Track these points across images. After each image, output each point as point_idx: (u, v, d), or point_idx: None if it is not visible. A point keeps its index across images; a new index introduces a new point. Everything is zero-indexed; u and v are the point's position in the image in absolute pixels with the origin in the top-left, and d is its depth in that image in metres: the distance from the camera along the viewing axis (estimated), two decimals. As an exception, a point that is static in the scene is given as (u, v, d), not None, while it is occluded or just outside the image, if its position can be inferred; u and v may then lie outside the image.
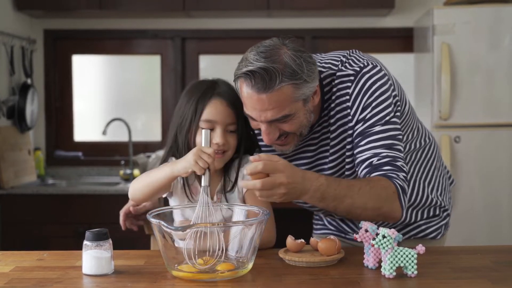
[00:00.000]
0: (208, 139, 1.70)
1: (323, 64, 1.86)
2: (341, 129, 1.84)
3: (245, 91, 1.68)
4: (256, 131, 1.90)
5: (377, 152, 1.76)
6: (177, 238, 1.55)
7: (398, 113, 1.84)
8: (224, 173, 1.88)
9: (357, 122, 1.79)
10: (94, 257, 1.55)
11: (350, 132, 1.82)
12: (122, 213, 1.99)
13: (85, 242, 1.56)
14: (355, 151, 1.81)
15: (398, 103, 1.85)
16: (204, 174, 1.65)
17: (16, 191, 3.87)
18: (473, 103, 3.66)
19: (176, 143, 1.85)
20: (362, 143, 1.78)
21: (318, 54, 1.93)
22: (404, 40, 4.42)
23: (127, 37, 4.57)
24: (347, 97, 1.80)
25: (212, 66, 4.68)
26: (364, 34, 4.46)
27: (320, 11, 4.22)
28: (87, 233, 1.56)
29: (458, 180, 3.65)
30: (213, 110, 1.79)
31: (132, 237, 3.07)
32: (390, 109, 1.79)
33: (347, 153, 1.85)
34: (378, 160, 1.75)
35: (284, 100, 1.67)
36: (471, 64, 3.66)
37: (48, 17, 4.47)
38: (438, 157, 2.11)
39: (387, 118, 1.78)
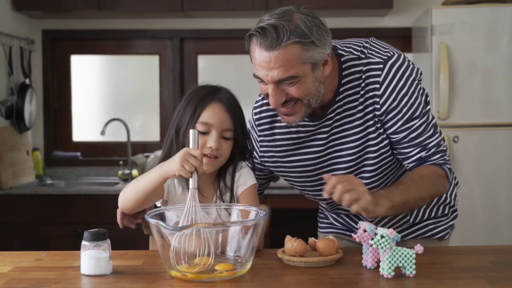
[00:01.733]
0: (195, 140, 1.67)
1: (344, 48, 1.90)
2: (368, 116, 1.84)
3: (255, 49, 1.71)
4: (259, 114, 1.96)
5: (424, 144, 1.83)
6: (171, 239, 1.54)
7: (427, 96, 1.90)
8: (220, 179, 1.86)
9: (392, 117, 1.82)
10: (92, 257, 1.55)
11: (376, 120, 1.84)
12: (119, 211, 1.98)
13: (83, 242, 1.56)
14: (399, 147, 1.85)
15: (421, 82, 1.90)
16: (191, 176, 1.64)
17: (14, 191, 3.87)
18: (471, 103, 3.67)
19: (173, 146, 1.83)
20: (406, 139, 1.83)
21: (336, 40, 1.96)
22: (402, 40, 4.42)
23: (126, 38, 4.57)
24: (377, 85, 1.82)
25: (211, 66, 4.68)
26: (362, 34, 4.45)
27: (318, 11, 4.21)
28: (85, 233, 1.56)
29: (456, 180, 3.65)
30: (211, 113, 1.78)
31: (130, 237, 3.07)
32: (420, 98, 1.84)
33: (370, 142, 1.86)
34: (426, 152, 1.84)
35: (290, 60, 1.68)
36: (470, 64, 3.66)
37: (47, 17, 4.47)
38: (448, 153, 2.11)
39: (420, 108, 1.84)
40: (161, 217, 1.68)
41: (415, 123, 1.83)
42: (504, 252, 1.79)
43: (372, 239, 1.52)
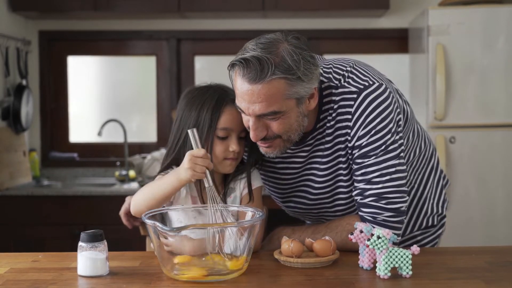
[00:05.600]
0: (197, 140, 1.67)
1: (324, 75, 1.79)
2: (338, 146, 1.78)
3: (237, 79, 1.64)
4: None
5: (364, 188, 1.73)
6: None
7: (400, 134, 1.77)
8: (228, 180, 1.86)
9: (354, 147, 1.74)
10: (89, 258, 1.55)
11: (348, 150, 1.76)
12: (122, 214, 1.97)
13: (80, 243, 1.56)
14: (353, 179, 1.78)
15: (401, 122, 1.78)
16: (204, 177, 1.66)
17: (11, 192, 3.87)
18: (468, 104, 3.67)
19: (179, 153, 1.80)
20: (357, 173, 1.75)
21: (320, 58, 1.86)
22: (399, 41, 4.43)
23: (122, 38, 4.57)
24: (349, 116, 1.73)
25: (207, 67, 4.68)
26: (359, 35, 4.47)
27: (314, 12, 4.23)
28: (82, 234, 1.56)
29: (453, 181, 3.66)
30: (229, 117, 1.76)
31: (127, 238, 3.07)
32: (389, 135, 1.72)
33: (343, 172, 1.80)
34: (361, 199, 1.74)
35: (274, 95, 1.61)
36: (466, 64, 3.66)
37: (43, 18, 4.47)
38: (435, 157, 2.05)
39: (384, 147, 1.71)
40: (162, 217, 1.68)
41: (370, 160, 1.71)
42: (500, 253, 1.79)
43: (369, 239, 1.52)
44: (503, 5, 3.69)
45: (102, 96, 4.68)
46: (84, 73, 4.67)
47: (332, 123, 1.77)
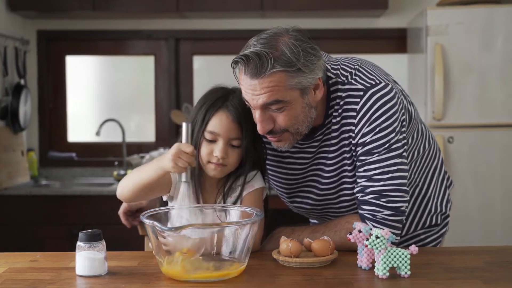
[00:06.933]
0: (188, 134, 1.68)
1: (332, 71, 1.81)
2: (343, 142, 1.80)
3: (241, 76, 1.68)
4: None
5: (366, 185, 1.74)
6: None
7: (404, 134, 1.78)
8: (226, 181, 1.85)
9: (358, 144, 1.75)
10: (87, 258, 1.55)
11: (352, 147, 1.78)
12: (121, 213, 1.98)
13: (78, 243, 1.56)
14: (356, 175, 1.79)
15: (405, 122, 1.79)
16: (185, 171, 1.67)
17: (9, 192, 3.86)
18: (466, 104, 3.67)
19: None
20: (360, 170, 1.76)
21: (327, 55, 1.88)
22: (397, 41, 4.43)
23: (121, 38, 4.57)
24: (354, 113, 1.75)
25: (206, 67, 4.68)
26: (357, 35, 4.47)
27: (313, 12, 4.23)
28: (81, 234, 1.56)
29: (451, 181, 3.66)
30: (217, 122, 1.76)
31: (125, 238, 3.07)
32: (393, 134, 1.73)
33: (348, 168, 1.81)
34: (362, 196, 1.75)
35: (276, 86, 1.64)
36: (464, 64, 3.67)
37: (42, 18, 4.46)
38: (439, 158, 2.05)
39: (387, 145, 1.72)
40: (164, 216, 1.69)
41: (373, 157, 1.73)
42: (499, 253, 1.79)
43: (367, 239, 1.52)
44: (501, 5, 3.70)
45: (101, 95, 4.68)
46: (82, 73, 4.67)
47: (338, 119, 1.79)
